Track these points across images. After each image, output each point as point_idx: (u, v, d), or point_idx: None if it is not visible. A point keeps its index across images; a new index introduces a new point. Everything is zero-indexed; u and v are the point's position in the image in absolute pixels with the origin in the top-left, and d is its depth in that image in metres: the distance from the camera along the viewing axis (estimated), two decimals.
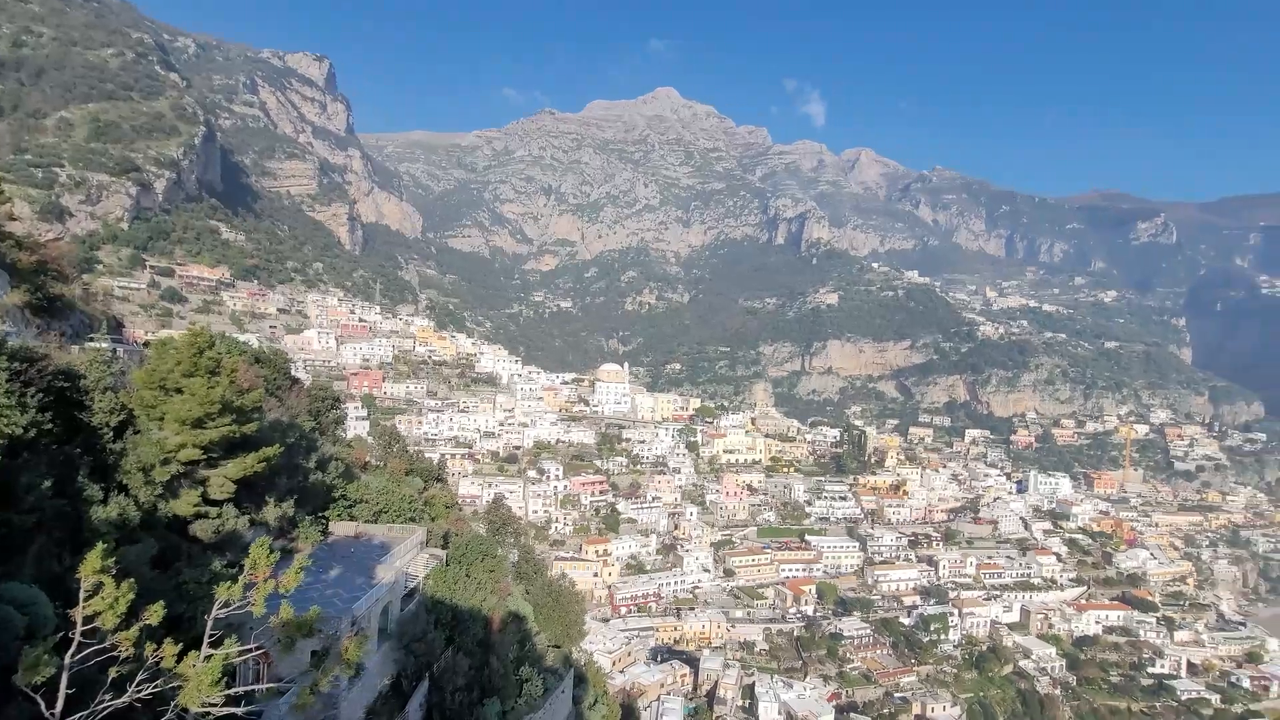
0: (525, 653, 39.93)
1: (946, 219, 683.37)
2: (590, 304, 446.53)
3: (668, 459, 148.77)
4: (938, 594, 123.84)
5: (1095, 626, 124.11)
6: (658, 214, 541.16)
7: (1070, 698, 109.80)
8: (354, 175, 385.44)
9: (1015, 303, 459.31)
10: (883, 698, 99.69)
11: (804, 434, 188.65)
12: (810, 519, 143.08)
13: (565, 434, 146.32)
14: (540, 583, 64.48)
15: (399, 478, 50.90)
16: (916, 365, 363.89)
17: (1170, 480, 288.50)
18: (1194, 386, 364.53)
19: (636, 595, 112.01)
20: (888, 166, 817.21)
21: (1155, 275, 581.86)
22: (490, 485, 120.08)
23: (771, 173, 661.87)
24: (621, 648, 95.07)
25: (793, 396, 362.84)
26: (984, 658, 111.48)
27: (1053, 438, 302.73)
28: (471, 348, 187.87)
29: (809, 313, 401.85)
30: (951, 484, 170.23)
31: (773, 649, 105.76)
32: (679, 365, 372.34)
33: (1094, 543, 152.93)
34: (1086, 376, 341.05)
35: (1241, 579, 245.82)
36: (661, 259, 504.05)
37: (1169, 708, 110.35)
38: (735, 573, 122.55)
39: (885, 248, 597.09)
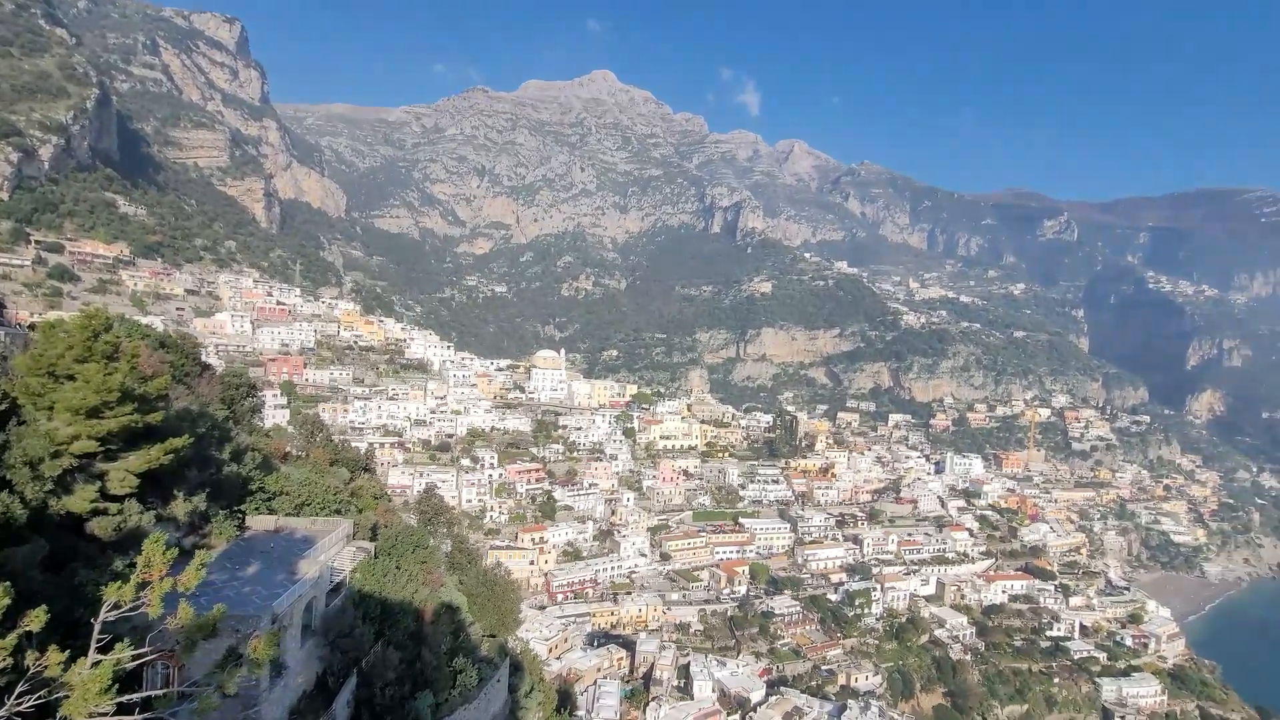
0: (459, 644, 39.32)
1: (874, 212, 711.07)
2: (526, 289, 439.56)
3: (605, 446, 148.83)
4: (862, 570, 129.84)
5: (1002, 595, 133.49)
6: (595, 199, 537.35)
7: (979, 661, 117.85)
8: (270, 148, 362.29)
9: (935, 294, 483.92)
10: (811, 671, 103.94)
11: (739, 420, 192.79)
12: (744, 502, 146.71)
13: (500, 421, 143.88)
14: (474, 572, 63.44)
15: (323, 468, 48.66)
16: (845, 353, 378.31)
17: (1068, 459, 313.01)
18: (1090, 373, 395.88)
19: (573, 582, 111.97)
20: (819, 159, 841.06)
21: (1058, 270, 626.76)
22: (422, 475, 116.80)
23: (708, 161, 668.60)
24: (558, 634, 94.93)
25: (728, 383, 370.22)
26: (903, 629, 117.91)
27: (967, 421, 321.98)
28: (401, 333, 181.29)
29: (744, 301, 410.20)
30: (876, 466, 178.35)
31: (707, 629, 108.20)
32: (616, 352, 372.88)
33: (1002, 519, 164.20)
34: (997, 364, 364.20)
35: (1127, 548, 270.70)
36: (599, 245, 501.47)
37: (1064, 666, 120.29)
38: (671, 556, 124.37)
39: (817, 238, 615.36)
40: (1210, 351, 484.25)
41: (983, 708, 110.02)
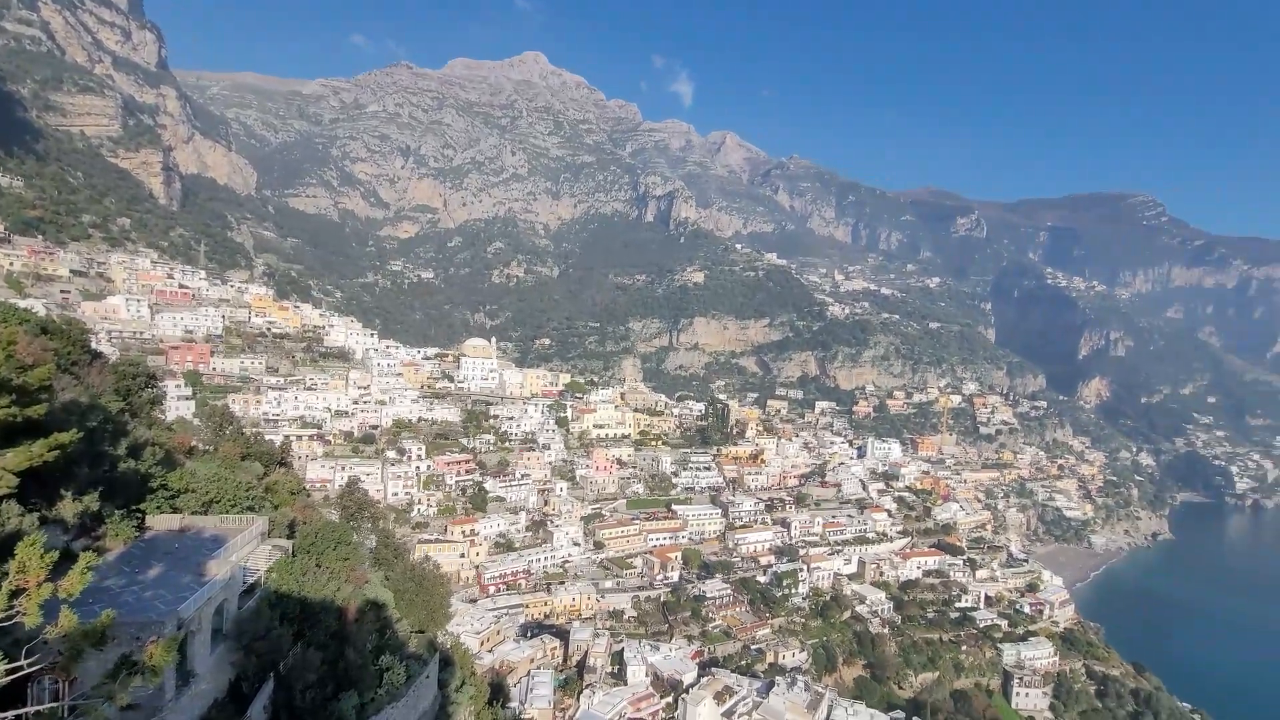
0: (386, 641, 38.11)
1: (802, 205, 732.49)
2: (454, 275, 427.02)
3: (537, 435, 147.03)
4: (790, 552, 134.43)
5: (916, 571, 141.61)
6: (526, 184, 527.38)
7: (896, 634, 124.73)
8: (169, 118, 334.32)
9: (859, 286, 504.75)
10: (741, 650, 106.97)
11: (672, 408, 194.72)
12: (677, 489, 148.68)
13: (428, 412, 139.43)
14: (401, 568, 61.51)
15: (233, 463, 45.73)
16: (774, 342, 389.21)
17: (976, 443, 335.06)
18: (996, 362, 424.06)
19: (506, 573, 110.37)
20: (750, 152, 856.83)
21: (969, 265, 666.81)
22: (344, 468, 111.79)
23: (641, 149, 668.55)
24: (490, 627, 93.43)
25: (661, 371, 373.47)
26: (827, 606, 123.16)
27: (887, 408, 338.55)
28: (319, 319, 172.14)
29: (677, 290, 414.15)
30: (803, 452, 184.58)
31: (641, 615, 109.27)
32: (549, 340, 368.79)
33: (917, 499, 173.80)
34: (915, 353, 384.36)
35: (1026, 523, 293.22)
36: (530, 231, 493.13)
37: (970, 634, 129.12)
38: (605, 545, 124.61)
39: (748, 230, 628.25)
40: (1099, 342, 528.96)
41: (898, 676, 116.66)
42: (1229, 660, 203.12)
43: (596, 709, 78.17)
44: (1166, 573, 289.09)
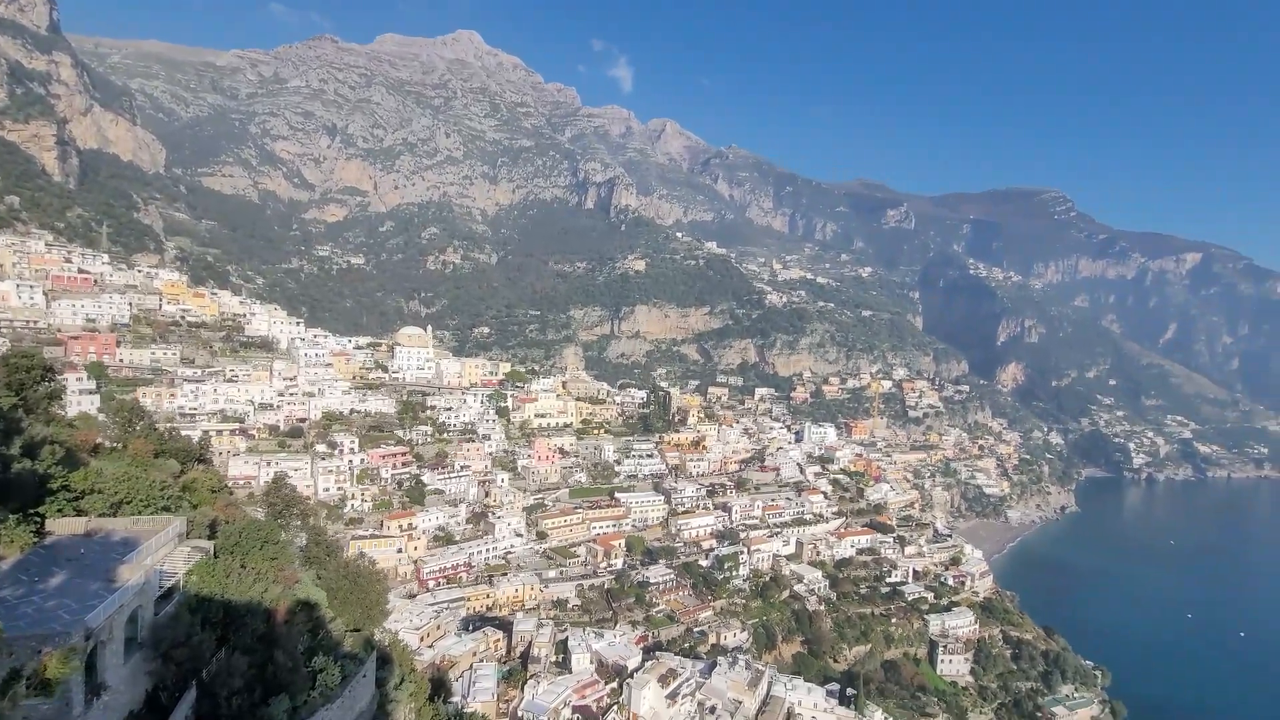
0: (319, 642, 36.68)
1: (740, 195, 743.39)
2: (386, 261, 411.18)
3: (477, 426, 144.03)
4: (731, 536, 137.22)
5: (850, 550, 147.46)
6: (461, 167, 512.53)
7: (831, 610, 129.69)
8: (63, 87, 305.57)
9: (796, 275, 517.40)
10: (685, 633, 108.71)
11: (613, 396, 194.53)
12: (620, 477, 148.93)
13: (360, 403, 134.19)
14: (334, 565, 59.36)
15: (145, 461, 42.72)
16: (715, 330, 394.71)
17: (905, 426, 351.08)
18: (923, 348, 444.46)
19: (446, 567, 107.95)
20: (690, 140, 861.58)
21: (899, 255, 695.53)
22: (270, 464, 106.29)
23: (581, 135, 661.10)
24: (430, 622, 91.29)
25: (603, 360, 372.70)
26: (767, 587, 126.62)
27: (823, 393, 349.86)
28: (240, 307, 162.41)
29: (618, 278, 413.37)
30: (743, 437, 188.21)
31: (585, 604, 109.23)
32: (487, 329, 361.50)
33: (851, 481, 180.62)
34: (848, 340, 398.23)
35: (950, 501, 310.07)
36: (467, 216, 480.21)
37: (900, 608, 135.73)
38: (548, 535, 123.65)
39: (688, 218, 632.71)
40: (1015, 330, 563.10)
41: (834, 651, 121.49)
42: (1125, 620, 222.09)
43: (541, 698, 77.72)
44: (1072, 543, 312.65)
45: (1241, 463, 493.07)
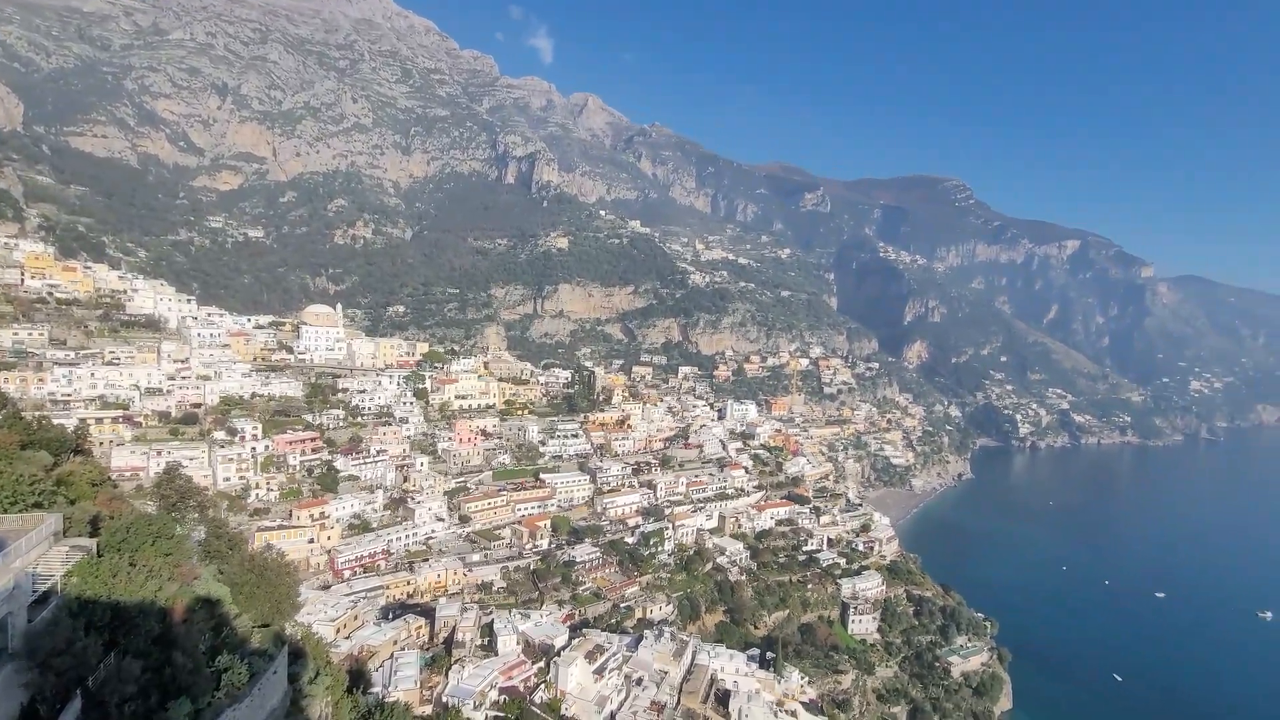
0: (223, 640, 34.64)
1: (664, 174, 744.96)
2: (289, 235, 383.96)
3: (393, 409, 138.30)
4: (656, 513, 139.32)
5: (770, 521, 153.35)
6: (371, 135, 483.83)
7: (752, 580, 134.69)
8: None
9: (718, 255, 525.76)
10: (611, 610, 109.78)
11: (538, 376, 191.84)
12: (545, 458, 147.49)
13: (264, 387, 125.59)
14: (238, 559, 56.13)
15: (11, 453, 38.44)
16: (639, 309, 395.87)
17: (821, 401, 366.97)
18: (837, 327, 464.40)
19: (363, 556, 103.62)
20: (613, 116, 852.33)
21: (815, 238, 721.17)
22: (160, 453, 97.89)
23: (500, 106, 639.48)
24: (347, 612, 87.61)
25: (526, 339, 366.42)
26: (691, 560, 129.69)
27: (744, 371, 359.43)
28: (119, 283, 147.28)
29: (541, 256, 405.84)
30: (668, 416, 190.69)
31: (511, 585, 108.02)
32: (403, 308, 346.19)
33: (771, 455, 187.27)
34: (768, 319, 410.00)
35: (861, 472, 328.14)
36: (378, 188, 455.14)
37: (815, 574, 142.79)
38: (471, 518, 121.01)
39: (611, 196, 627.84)
40: (920, 310, 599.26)
41: (754, 618, 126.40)
42: (1011, 574, 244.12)
43: (467, 682, 76.52)
44: (968, 507, 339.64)
45: (1109, 430, 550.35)
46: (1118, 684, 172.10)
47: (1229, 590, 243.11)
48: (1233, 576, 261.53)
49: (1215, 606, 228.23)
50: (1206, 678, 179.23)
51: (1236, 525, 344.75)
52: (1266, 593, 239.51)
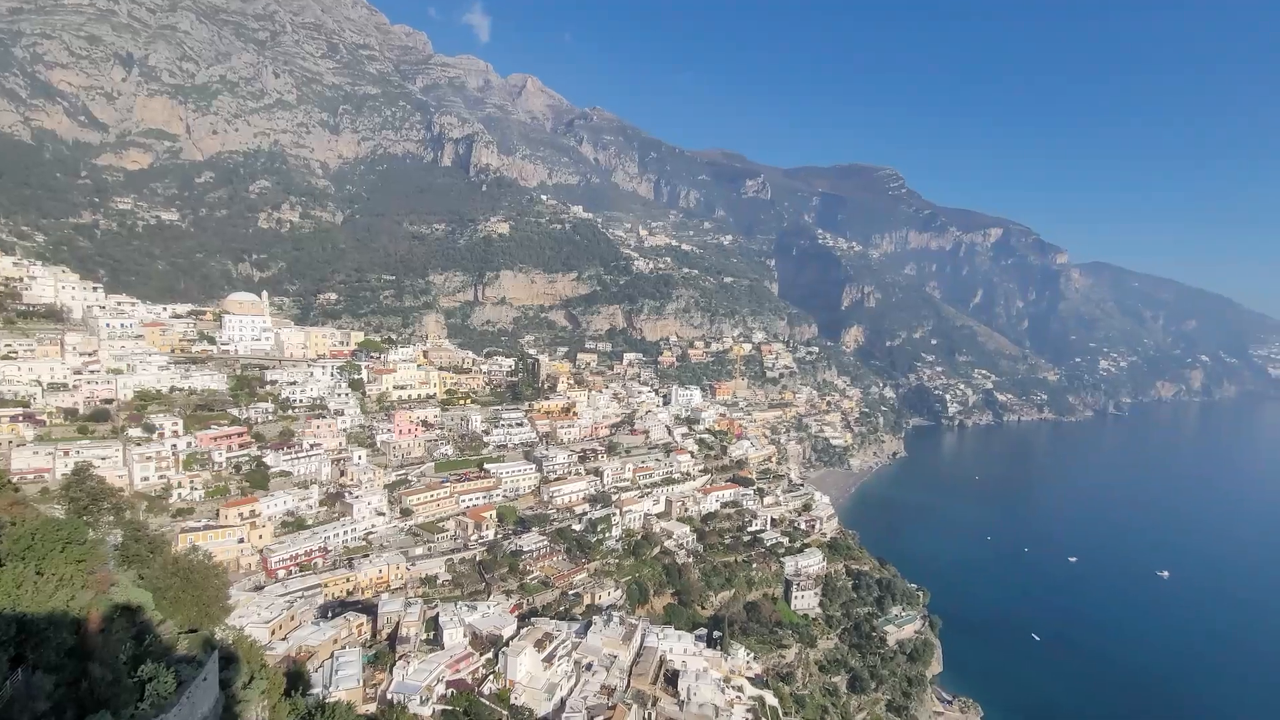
0: (146, 648, 32.73)
1: (606, 159, 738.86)
2: (207, 218, 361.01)
3: (327, 401, 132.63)
4: (603, 499, 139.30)
5: (715, 504, 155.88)
6: (296, 113, 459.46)
7: (699, 562, 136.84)
8: None
9: (661, 241, 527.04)
10: (560, 597, 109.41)
11: (480, 365, 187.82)
12: (489, 448, 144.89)
13: (183, 380, 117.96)
14: (160, 563, 52.94)
15: None
16: (582, 296, 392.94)
17: (763, 385, 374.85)
18: (778, 312, 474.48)
19: (298, 554, 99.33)
20: (553, 99, 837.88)
21: (756, 224, 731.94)
22: (68, 453, 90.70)
23: (434, 85, 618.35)
24: (283, 614, 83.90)
25: (467, 327, 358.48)
26: (639, 545, 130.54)
27: (689, 357, 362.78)
28: (14, 269, 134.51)
29: (481, 241, 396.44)
30: (613, 402, 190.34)
31: (456, 578, 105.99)
32: (335, 295, 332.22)
33: (716, 439, 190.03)
34: (712, 305, 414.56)
35: (802, 453, 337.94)
36: (305, 169, 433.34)
37: (760, 554, 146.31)
38: (413, 511, 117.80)
39: (553, 180, 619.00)
40: (856, 295, 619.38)
41: (701, 598, 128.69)
42: (941, 545, 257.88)
43: (412, 678, 74.80)
44: (901, 484, 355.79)
45: (1028, 408, 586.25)
46: (1036, 643, 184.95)
47: (1132, 553, 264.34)
48: (1135, 540, 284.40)
49: (1120, 568, 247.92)
50: (1113, 632, 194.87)
51: (1138, 493, 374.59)
52: (1164, 553, 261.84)
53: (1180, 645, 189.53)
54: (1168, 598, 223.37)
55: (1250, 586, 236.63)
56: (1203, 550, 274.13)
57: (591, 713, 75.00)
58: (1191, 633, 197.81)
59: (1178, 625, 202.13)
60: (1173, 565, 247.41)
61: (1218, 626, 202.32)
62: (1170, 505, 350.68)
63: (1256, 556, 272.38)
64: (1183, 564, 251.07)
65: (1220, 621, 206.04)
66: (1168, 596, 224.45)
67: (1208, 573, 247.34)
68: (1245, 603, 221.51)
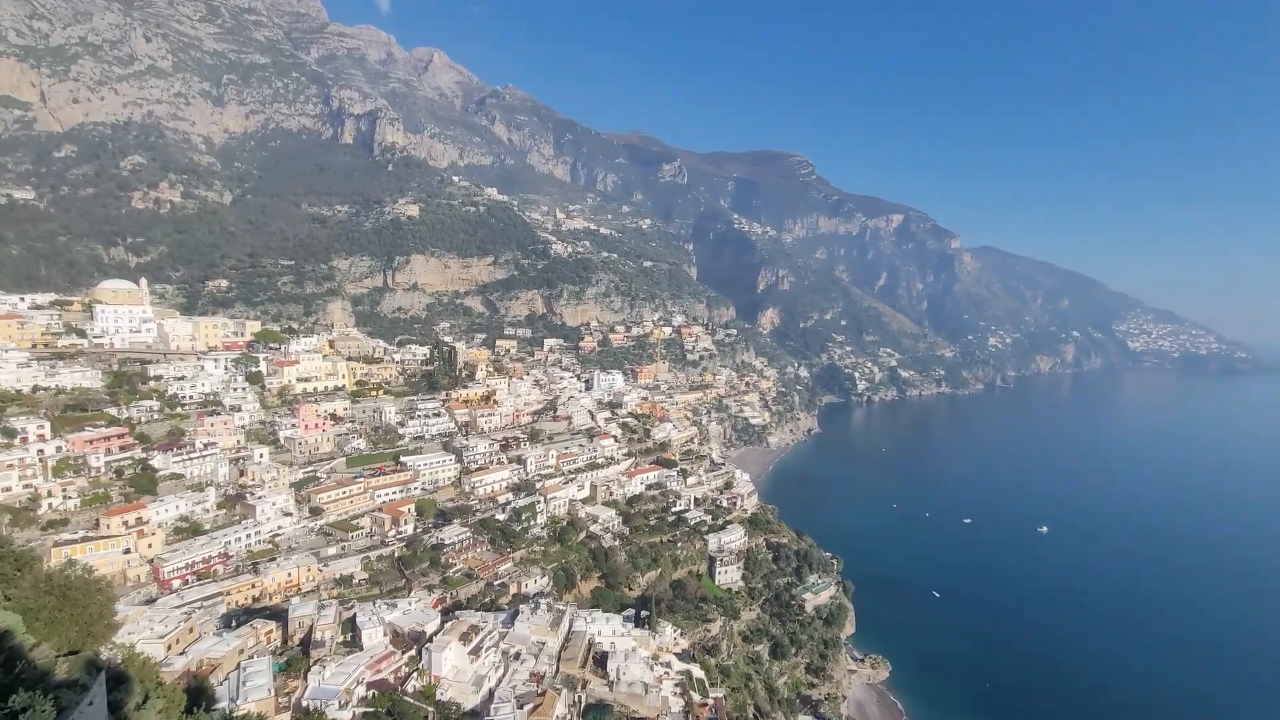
0: (18, 676, 29.24)
1: (520, 140, 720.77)
2: (71, 197, 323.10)
3: (222, 396, 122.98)
4: (527, 487, 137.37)
5: (640, 487, 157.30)
6: (173, 82, 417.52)
7: (625, 544, 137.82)
8: None
9: (580, 224, 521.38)
10: (485, 588, 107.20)
11: (392, 354, 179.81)
12: (405, 440, 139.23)
13: (49, 378, 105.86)
14: (30, 580, 47.58)
15: None
16: (500, 281, 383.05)
17: (684, 368, 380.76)
18: (697, 296, 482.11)
19: (195, 562, 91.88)
20: (462, 75, 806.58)
21: (674, 208, 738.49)
22: None
23: (331, 56, 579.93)
24: (179, 626, 77.41)
25: (376, 315, 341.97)
26: (565, 531, 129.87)
27: (610, 342, 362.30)
28: None
29: (389, 224, 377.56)
30: (535, 389, 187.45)
31: (374, 576, 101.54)
32: (226, 282, 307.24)
33: (639, 423, 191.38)
34: (632, 290, 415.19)
35: (723, 433, 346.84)
36: (185, 143, 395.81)
37: (684, 533, 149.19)
38: (324, 510, 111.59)
39: (465, 161, 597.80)
40: (771, 279, 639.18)
41: (628, 580, 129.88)
42: (853, 515, 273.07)
43: (329, 682, 71.20)
44: (816, 458, 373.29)
45: (928, 383, 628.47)
46: (936, 599, 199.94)
47: (1016, 511, 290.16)
48: (1019, 499, 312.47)
49: (1007, 526, 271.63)
50: (1002, 584, 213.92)
51: (1022, 457, 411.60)
52: (1043, 510, 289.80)
53: (1056, 591, 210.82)
54: (1046, 549, 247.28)
55: (1118, 534, 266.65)
56: (1076, 505, 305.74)
57: (521, 701, 74.20)
58: (1066, 579, 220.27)
59: (1055, 573, 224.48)
60: (1050, 520, 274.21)
61: (1089, 572, 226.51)
62: (1048, 466, 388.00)
63: (1122, 507, 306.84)
64: (1059, 518, 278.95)
65: (1091, 568, 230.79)
66: (1046, 548, 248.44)
67: (1081, 524, 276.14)
68: (1114, 549, 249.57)
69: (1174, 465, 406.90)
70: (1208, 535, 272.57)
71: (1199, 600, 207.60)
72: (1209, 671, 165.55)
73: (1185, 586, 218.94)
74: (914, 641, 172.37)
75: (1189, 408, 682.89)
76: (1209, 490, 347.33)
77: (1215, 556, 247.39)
